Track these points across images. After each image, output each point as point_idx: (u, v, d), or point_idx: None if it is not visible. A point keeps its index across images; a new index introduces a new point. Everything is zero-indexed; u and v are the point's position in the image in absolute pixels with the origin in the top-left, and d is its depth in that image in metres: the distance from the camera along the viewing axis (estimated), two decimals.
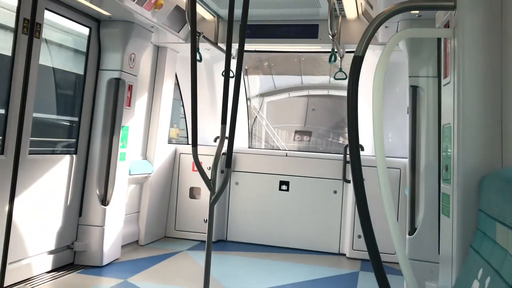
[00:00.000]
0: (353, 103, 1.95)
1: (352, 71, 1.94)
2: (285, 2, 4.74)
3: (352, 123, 1.97)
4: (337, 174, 5.64)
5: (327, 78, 11.05)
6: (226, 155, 3.52)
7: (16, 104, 3.70)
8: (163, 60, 5.69)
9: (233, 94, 3.41)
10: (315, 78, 11.54)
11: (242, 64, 3.50)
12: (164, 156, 5.83)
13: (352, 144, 1.97)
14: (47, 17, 3.96)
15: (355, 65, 1.95)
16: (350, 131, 1.97)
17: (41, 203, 4.06)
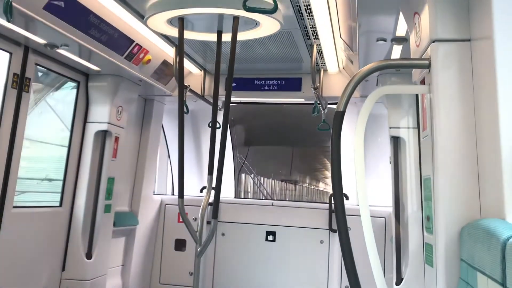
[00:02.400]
0: (337, 156, 2.03)
1: (335, 126, 2.03)
2: (270, 58, 4.92)
3: (336, 175, 2.04)
4: (323, 224, 5.65)
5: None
6: (213, 206, 3.55)
7: (3, 157, 3.71)
8: (150, 112, 5.78)
9: (220, 145, 3.48)
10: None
11: (228, 116, 3.59)
12: (149, 208, 5.80)
13: (336, 195, 2.03)
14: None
15: (337, 120, 2.04)
16: (334, 182, 2.03)
17: (23, 255, 3.98)
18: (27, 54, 3.89)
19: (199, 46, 4.70)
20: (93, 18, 3.59)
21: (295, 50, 4.61)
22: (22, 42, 3.79)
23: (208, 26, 3.86)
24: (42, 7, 3.17)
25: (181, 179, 3.65)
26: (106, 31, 3.83)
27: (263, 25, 3.59)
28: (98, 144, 4.66)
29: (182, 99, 3.68)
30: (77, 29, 3.53)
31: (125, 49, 4.21)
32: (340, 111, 2.05)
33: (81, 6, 3.42)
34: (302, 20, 3.78)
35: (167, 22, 3.63)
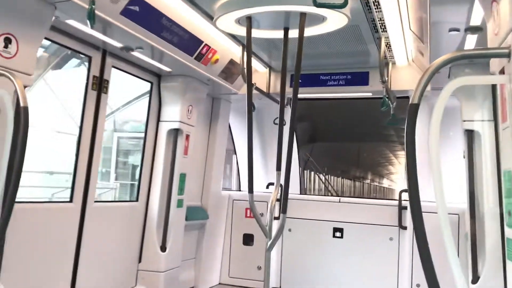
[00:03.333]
0: (412, 151, 2.00)
1: (409, 119, 2.00)
2: (335, 52, 4.89)
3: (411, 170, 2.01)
4: (393, 221, 5.53)
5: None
6: (282, 201, 3.60)
7: (85, 154, 3.97)
8: (218, 111, 5.93)
9: (288, 142, 3.52)
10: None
11: (296, 112, 3.62)
12: (218, 203, 5.96)
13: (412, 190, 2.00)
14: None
15: (412, 113, 2.01)
16: (410, 177, 2.00)
17: (104, 248, 4.25)
18: (105, 57, 4.13)
19: (265, 44, 4.76)
20: (166, 21, 3.76)
21: (362, 44, 4.56)
22: (100, 46, 4.04)
23: (275, 24, 3.90)
24: (119, 12, 3.35)
25: (251, 175, 3.72)
26: (177, 33, 3.98)
27: (330, 20, 3.58)
28: (171, 142, 4.86)
29: (250, 97, 3.76)
30: (151, 32, 3.70)
31: (195, 50, 4.36)
32: (414, 103, 2.02)
33: (154, 9, 3.58)
34: (370, 13, 3.72)
35: (235, 21, 3.71)
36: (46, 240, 3.60)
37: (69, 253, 3.84)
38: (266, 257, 3.60)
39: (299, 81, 3.59)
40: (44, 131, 5.57)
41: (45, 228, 3.59)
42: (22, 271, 3.37)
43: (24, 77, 2.92)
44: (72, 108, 5.01)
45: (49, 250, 3.62)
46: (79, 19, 3.33)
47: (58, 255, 3.73)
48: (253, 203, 3.66)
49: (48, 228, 3.62)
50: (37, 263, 3.52)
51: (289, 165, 3.59)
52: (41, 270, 3.56)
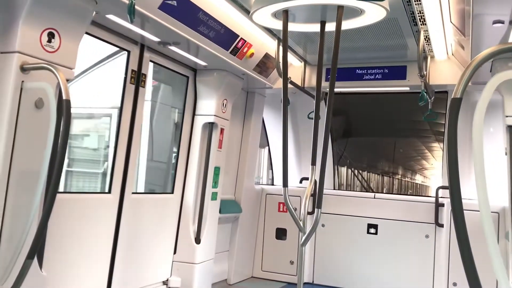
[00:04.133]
0: (453, 146, 1.95)
1: (451, 114, 1.95)
2: (372, 46, 4.81)
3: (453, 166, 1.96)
4: (429, 218, 5.42)
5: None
6: (317, 196, 3.57)
7: (123, 146, 4.06)
8: (252, 104, 5.94)
9: (324, 136, 3.49)
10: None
11: (332, 106, 3.59)
12: (251, 196, 5.98)
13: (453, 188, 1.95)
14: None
15: (454, 107, 1.95)
16: (451, 174, 1.96)
17: (140, 239, 4.34)
18: (142, 52, 4.20)
19: (300, 37, 4.73)
20: (202, 15, 3.78)
21: (400, 37, 4.47)
22: (138, 40, 4.10)
23: (311, 17, 3.86)
24: (158, 7, 3.40)
25: (285, 169, 3.71)
26: (214, 27, 4.01)
27: (368, 13, 3.52)
28: (206, 135, 4.91)
29: (286, 92, 3.73)
30: (188, 26, 3.74)
31: (231, 44, 4.38)
32: (457, 98, 1.96)
33: (192, 4, 3.61)
34: (409, 5, 3.65)
35: (271, 15, 3.70)
36: (85, 230, 3.70)
37: (107, 243, 3.94)
38: (300, 251, 3.59)
39: (335, 75, 3.55)
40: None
41: (85, 218, 3.69)
42: (62, 260, 3.48)
43: (66, 70, 3.00)
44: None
45: (88, 239, 3.73)
46: (118, 13, 3.39)
47: (96, 244, 3.83)
48: (287, 198, 3.65)
49: (88, 218, 3.72)
50: (77, 252, 3.62)
51: (324, 160, 3.56)
52: (80, 259, 3.67)
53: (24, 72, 2.79)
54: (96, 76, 5.04)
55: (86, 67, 4.96)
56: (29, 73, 2.82)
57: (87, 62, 4.81)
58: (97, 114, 5.43)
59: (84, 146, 5.56)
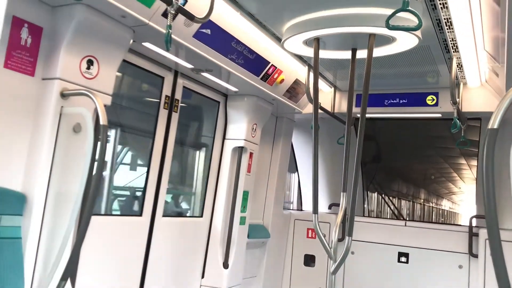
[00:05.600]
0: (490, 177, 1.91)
1: (488, 145, 1.92)
2: (404, 73, 4.80)
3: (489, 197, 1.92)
4: (463, 248, 5.27)
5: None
6: (348, 223, 3.55)
7: (155, 170, 4.13)
8: (281, 129, 5.97)
9: (356, 163, 3.48)
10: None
11: (363, 133, 3.58)
12: (279, 222, 5.95)
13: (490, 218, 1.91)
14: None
15: (491, 138, 1.93)
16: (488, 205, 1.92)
17: (170, 262, 4.36)
18: (176, 78, 4.30)
19: (330, 63, 4.77)
20: (235, 43, 3.86)
21: (432, 64, 4.44)
22: (172, 67, 4.21)
23: (342, 44, 3.90)
24: (192, 35, 3.50)
25: (315, 195, 3.70)
26: (245, 55, 4.08)
27: (400, 41, 3.53)
28: (235, 159, 4.95)
29: (317, 118, 3.76)
30: (220, 54, 3.82)
31: (261, 71, 4.44)
32: (494, 128, 1.93)
33: (225, 32, 3.70)
34: (441, 33, 3.64)
35: (302, 42, 3.75)
36: (117, 251, 3.75)
37: (138, 265, 3.98)
38: (330, 280, 3.55)
39: (367, 101, 3.56)
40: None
41: (117, 240, 3.75)
42: (94, 281, 3.53)
43: (104, 96, 3.11)
44: None
45: (119, 261, 3.77)
46: (154, 42, 3.50)
47: (127, 266, 3.87)
48: (318, 225, 3.63)
49: (119, 240, 3.77)
50: (108, 273, 3.67)
51: (355, 187, 3.54)
52: (111, 280, 3.71)
53: (64, 97, 2.90)
54: None
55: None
56: (68, 99, 2.93)
57: None
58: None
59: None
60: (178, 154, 4.81)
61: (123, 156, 4.64)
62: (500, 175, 4.78)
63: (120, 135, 4.30)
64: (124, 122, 4.32)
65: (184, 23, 3.31)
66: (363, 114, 3.55)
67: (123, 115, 4.30)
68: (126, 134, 4.49)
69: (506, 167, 2.20)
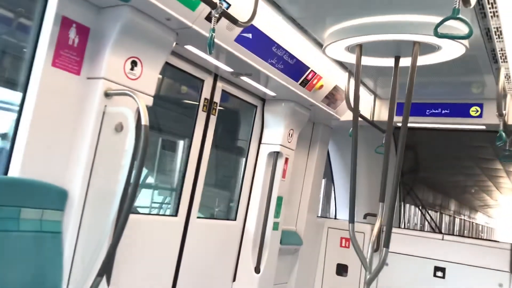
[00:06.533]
0: None
1: None
2: (448, 82, 4.68)
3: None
4: (503, 265, 5.07)
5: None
6: (385, 234, 3.47)
7: (191, 172, 4.16)
8: (317, 135, 5.91)
9: (396, 172, 3.40)
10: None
11: (404, 142, 3.50)
12: (313, 229, 5.89)
13: None
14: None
15: None
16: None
17: (202, 264, 4.38)
18: (215, 81, 4.33)
19: (371, 70, 4.68)
20: (276, 48, 3.86)
21: (478, 74, 4.31)
22: (212, 70, 4.24)
23: (386, 51, 3.84)
24: (234, 39, 3.51)
25: (352, 205, 3.65)
26: (285, 59, 4.07)
27: (446, 49, 3.44)
28: (270, 164, 4.93)
29: (356, 126, 3.70)
30: (260, 58, 3.82)
31: (301, 76, 4.41)
32: None
33: (266, 37, 3.70)
34: (490, 42, 3.52)
35: (344, 49, 3.71)
36: (152, 250, 3.80)
37: (171, 265, 4.02)
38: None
39: (409, 111, 3.48)
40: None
41: (152, 239, 3.79)
42: (128, 278, 3.58)
43: (145, 97, 3.15)
44: None
45: (153, 260, 3.81)
46: (196, 44, 3.53)
47: (160, 265, 3.91)
48: (354, 234, 3.57)
49: (155, 239, 3.82)
50: (142, 271, 3.71)
51: (394, 197, 3.46)
52: (144, 279, 3.75)
53: (107, 97, 2.96)
54: None
55: None
56: (112, 98, 2.99)
57: None
58: None
59: None
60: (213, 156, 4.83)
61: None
62: None
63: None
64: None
65: (226, 27, 3.33)
66: (404, 124, 3.47)
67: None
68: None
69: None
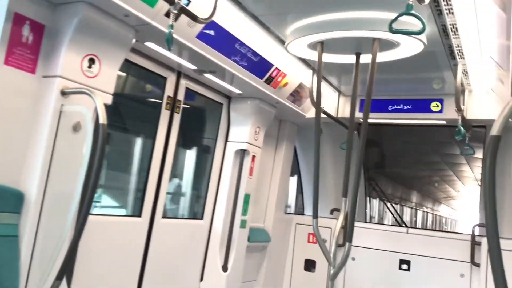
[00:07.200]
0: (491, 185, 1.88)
1: (491, 152, 1.88)
2: (408, 79, 4.77)
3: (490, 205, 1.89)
4: (464, 256, 5.21)
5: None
6: (348, 229, 3.51)
7: (155, 172, 4.11)
8: (284, 133, 5.93)
9: (356, 168, 3.44)
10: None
11: (365, 138, 3.55)
12: (281, 226, 5.91)
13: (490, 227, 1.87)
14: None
15: (493, 145, 1.89)
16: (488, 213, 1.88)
17: (168, 264, 4.33)
18: (179, 79, 4.29)
19: (335, 68, 4.73)
20: (239, 45, 3.84)
21: (437, 70, 4.41)
22: (175, 68, 4.19)
23: (347, 48, 3.88)
24: (195, 36, 3.48)
25: (316, 200, 3.68)
26: (249, 57, 4.06)
27: (405, 46, 3.50)
28: (237, 162, 4.92)
29: (319, 122, 3.73)
30: (224, 55, 3.80)
31: (265, 73, 4.42)
32: (496, 135, 1.90)
33: (229, 34, 3.68)
34: (447, 39, 3.60)
35: (307, 46, 3.73)
36: (115, 251, 3.73)
37: (135, 266, 3.96)
38: (329, 286, 3.51)
39: (370, 107, 3.53)
40: None
41: (115, 240, 3.73)
42: (91, 281, 3.51)
43: (104, 95, 3.09)
44: None
45: (117, 261, 3.75)
46: (157, 41, 3.49)
47: (124, 267, 3.85)
48: (318, 229, 3.60)
49: (117, 240, 3.75)
50: (105, 274, 3.65)
51: (356, 192, 3.51)
52: (108, 280, 3.68)
53: (64, 96, 2.89)
54: None
55: None
56: (69, 97, 2.91)
57: None
58: None
59: None
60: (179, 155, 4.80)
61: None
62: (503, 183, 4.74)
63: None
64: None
65: (187, 23, 3.29)
66: (365, 119, 3.52)
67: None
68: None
69: (510, 175, 2.17)
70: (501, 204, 3.30)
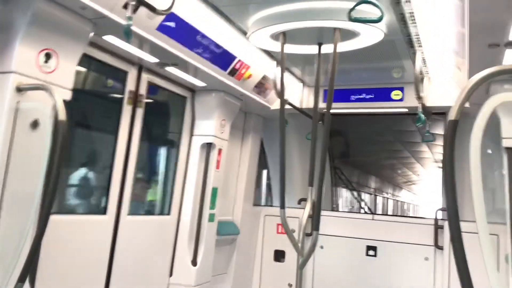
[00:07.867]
0: (450, 169, 1.93)
1: (448, 136, 1.94)
2: (370, 68, 4.84)
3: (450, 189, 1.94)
4: (428, 240, 5.36)
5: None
6: (314, 218, 3.55)
7: (119, 168, 4.03)
8: (250, 125, 5.93)
9: (321, 157, 3.48)
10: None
11: (329, 128, 3.58)
12: (249, 218, 5.92)
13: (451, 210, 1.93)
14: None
15: (451, 129, 1.95)
16: (448, 196, 1.93)
17: (136, 261, 4.27)
18: (140, 73, 4.21)
19: (299, 59, 4.75)
20: (200, 36, 3.80)
21: (397, 59, 4.49)
22: (136, 61, 4.11)
23: (309, 38, 3.90)
24: (155, 28, 3.42)
25: (283, 191, 3.70)
26: (211, 49, 4.02)
27: (365, 35, 3.55)
28: (203, 156, 4.89)
29: (283, 113, 3.75)
30: (186, 47, 3.75)
31: (228, 65, 4.39)
32: (453, 120, 1.95)
33: (189, 25, 3.64)
34: (405, 28, 3.67)
35: (269, 37, 3.73)
36: (80, 251, 3.65)
37: (102, 265, 3.88)
38: (298, 275, 3.55)
39: (332, 97, 3.56)
40: None
41: (79, 240, 3.64)
42: (56, 282, 3.42)
43: (63, 91, 3.00)
44: None
45: (82, 261, 3.67)
46: (116, 35, 3.40)
47: (91, 267, 3.77)
48: (285, 219, 3.62)
49: (82, 239, 3.67)
50: (71, 274, 3.56)
51: (321, 181, 3.54)
52: (74, 281, 3.60)
53: (20, 92, 2.78)
54: None
55: None
56: (25, 94, 2.81)
57: None
58: None
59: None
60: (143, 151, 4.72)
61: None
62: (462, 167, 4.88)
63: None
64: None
65: (147, 15, 3.23)
66: (328, 110, 3.55)
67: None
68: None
69: (468, 160, 2.24)
70: (462, 187, 3.39)
